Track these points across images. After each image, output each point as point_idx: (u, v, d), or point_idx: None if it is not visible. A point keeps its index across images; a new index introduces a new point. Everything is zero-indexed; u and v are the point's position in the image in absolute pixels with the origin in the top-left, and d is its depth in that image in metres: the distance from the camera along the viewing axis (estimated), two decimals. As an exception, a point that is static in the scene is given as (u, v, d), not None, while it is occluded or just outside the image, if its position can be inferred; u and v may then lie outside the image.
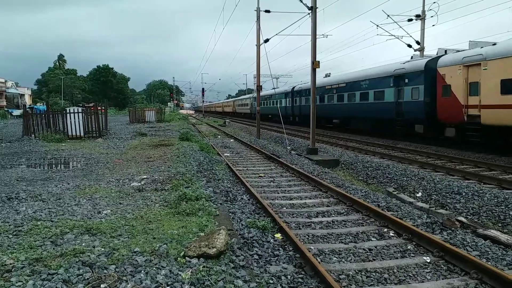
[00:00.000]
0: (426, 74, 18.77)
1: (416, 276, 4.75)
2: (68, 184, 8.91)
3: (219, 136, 26.00)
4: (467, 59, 16.09)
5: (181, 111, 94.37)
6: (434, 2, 22.93)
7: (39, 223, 5.74)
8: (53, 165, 12.40)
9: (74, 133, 20.62)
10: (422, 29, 24.68)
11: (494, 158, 14.59)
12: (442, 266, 5.02)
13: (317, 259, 5.04)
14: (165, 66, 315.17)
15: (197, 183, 8.76)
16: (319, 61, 16.21)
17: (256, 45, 25.33)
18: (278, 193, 9.28)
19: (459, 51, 18.61)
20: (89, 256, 4.37)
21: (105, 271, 4.05)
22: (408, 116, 20.20)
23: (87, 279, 3.85)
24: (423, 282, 4.61)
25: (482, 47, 15.93)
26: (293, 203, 8.21)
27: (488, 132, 15.40)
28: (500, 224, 7.45)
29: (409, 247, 5.66)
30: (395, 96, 21.31)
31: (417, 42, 25.02)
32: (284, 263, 5.02)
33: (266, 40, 23.83)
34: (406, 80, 20.35)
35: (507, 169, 12.24)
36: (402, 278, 4.70)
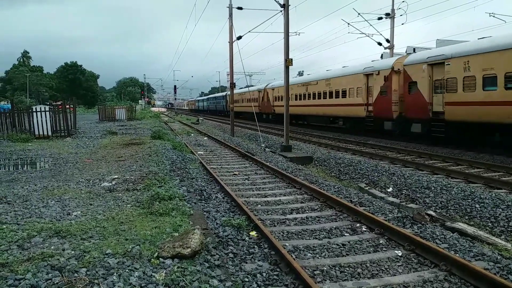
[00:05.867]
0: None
1: (388, 269, 4.85)
2: (35, 185, 8.61)
3: (192, 134, 25.77)
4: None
5: (152, 108, 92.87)
6: (403, 1, 23.53)
7: (4, 226, 5.51)
8: (19, 166, 11.95)
9: (41, 133, 19.93)
10: (392, 28, 25.26)
11: (461, 153, 15.11)
12: (413, 259, 5.15)
13: (292, 256, 5.06)
14: (136, 64, 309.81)
15: (170, 183, 8.65)
16: (292, 59, 16.29)
17: (229, 42, 25.24)
18: (253, 190, 9.28)
19: (427, 49, 19.20)
20: (58, 259, 4.24)
21: (76, 274, 3.93)
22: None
23: (57, 283, 3.73)
24: (395, 275, 4.71)
25: (446, 46, 16.63)
26: (268, 201, 8.23)
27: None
28: (467, 217, 7.72)
29: (381, 242, 5.78)
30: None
31: (387, 40, 25.58)
32: (259, 260, 5.02)
33: (239, 37, 23.77)
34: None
35: (473, 163, 12.71)
36: (375, 272, 4.79)
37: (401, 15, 24.44)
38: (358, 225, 6.51)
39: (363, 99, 22.05)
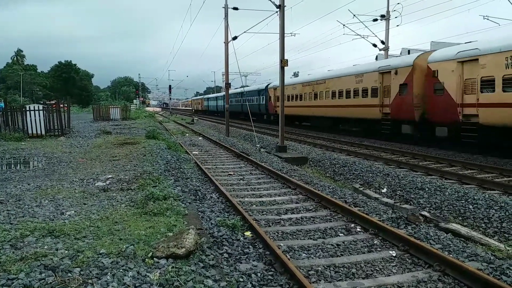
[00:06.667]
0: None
1: (382, 270, 4.87)
2: (29, 184, 8.54)
3: (187, 134, 25.71)
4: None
5: (147, 108, 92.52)
6: (398, 3, 23.64)
7: (-4, 226, 5.46)
8: (12, 165, 11.85)
9: (34, 132, 19.78)
10: (387, 29, 25.38)
11: (455, 154, 15.20)
12: (407, 259, 5.17)
13: (286, 256, 5.06)
14: (131, 63, 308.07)
15: (165, 182, 8.62)
16: (287, 60, 16.31)
17: (225, 42, 25.22)
18: (248, 191, 9.27)
19: (421, 51, 19.29)
20: (51, 259, 4.20)
21: (69, 274, 3.90)
22: None
23: (50, 283, 3.70)
24: (389, 275, 4.73)
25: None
26: (262, 201, 8.23)
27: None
28: (460, 218, 7.77)
29: (375, 242, 5.79)
30: None
31: (382, 42, 25.69)
32: (254, 261, 5.02)
33: (235, 38, 23.77)
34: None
35: (466, 165, 12.79)
36: (369, 272, 4.80)
37: (396, 17, 24.55)
38: (352, 225, 6.53)
39: (379, 100, 20.05)
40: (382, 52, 25.60)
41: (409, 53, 20.91)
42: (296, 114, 31.74)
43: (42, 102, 45.57)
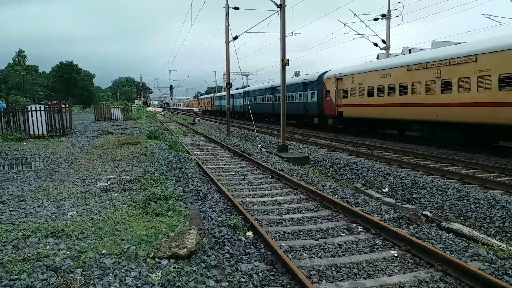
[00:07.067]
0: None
1: (384, 270, 4.86)
2: (31, 185, 8.55)
3: (188, 134, 25.72)
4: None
5: (148, 108, 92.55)
6: (399, 2, 23.59)
7: (-1, 226, 5.47)
8: (14, 165, 11.87)
9: (36, 132, 19.79)
10: (388, 28, 25.34)
11: (456, 153, 15.17)
12: (409, 259, 5.17)
13: (288, 256, 5.06)
14: (132, 63, 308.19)
15: (166, 183, 8.62)
16: (288, 59, 16.30)
17: (226, 42, 25.23)
18: (249, 191, 9.27)
19: (423, 49, 19.22)
20: (53, 259, 4.21)
21: (71, 275, 3.90)
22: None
23: (52, 283, 3.70)
24: (391, 275, 4.72)
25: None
26: (264, 201, 8.23)
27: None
28: (462, 218, 7.75)
29: (377, 242, 5.79)
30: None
31: (383, 41, 25.66)
32: (255, 261, 5.02)
33: (236, 37, 23.79)
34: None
35: (468, 164, 12.77)
36: (371, 272, 4.80)
37: (397, 16, 24.52)
38: (354, 225, 6.53)
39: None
40: (383, 51, 25.57)
41: (410, 52, 20.87)
42: (387, 117, 20.14)
43: (43, 103, 45.69)
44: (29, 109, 20.51)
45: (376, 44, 26.20)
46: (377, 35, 26.25)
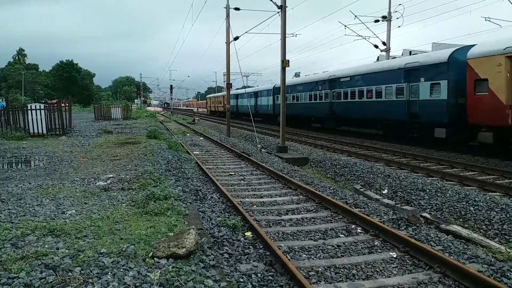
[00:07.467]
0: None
1: (383, 271, 4.86)
2: (30, 183, 8.55)
3: (188, 134, 25.73)
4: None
5: (148, 108, 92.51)
6: (400, 4, 23.61)
7: (-2, 225, 5.47)
8: (13, 164, 11.87)
9: (36, 131, 19.79)
10: (388, 30, 25.34)
11: (456, 156, 15.18)
12: (408, 261, 5.17)
13: (287, 257, 5.07)
14: (132, 63, 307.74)
15: (166, 182, 8.62)
16: (288, 60, 16.29)
17: (226, 42, 25.23)
18: (249, 191, 9.28)
19: (424, 52, 19.24)
20: (52, 258, 4.21)
21: (70, 273, 3.90)
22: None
23: (51, 282, 3.70)
24: (389, 277, 4.72)
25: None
26: (263, 201, 8.23)
27: None
28: (461, 220, 7.75)
29: (376, 243, 5.79)
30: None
31: (384, 43, 25.67)
32: (254, 261, 5.02)
33: (236, 38, 23.78)
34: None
35: (467, 166, 12.77)
36: (369, 273, 4.80)
37: (397, 18, 24.54)
38: (353, 226, 6.53)
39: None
40: (384, 53, 25.58)
41: (410, 54, 20.88)
42: None
43: (43, 101, 45.63)
44: (29, 107, 20.51)
45: (376, 46, 26.21)
46: (377, 37, 26.29)
